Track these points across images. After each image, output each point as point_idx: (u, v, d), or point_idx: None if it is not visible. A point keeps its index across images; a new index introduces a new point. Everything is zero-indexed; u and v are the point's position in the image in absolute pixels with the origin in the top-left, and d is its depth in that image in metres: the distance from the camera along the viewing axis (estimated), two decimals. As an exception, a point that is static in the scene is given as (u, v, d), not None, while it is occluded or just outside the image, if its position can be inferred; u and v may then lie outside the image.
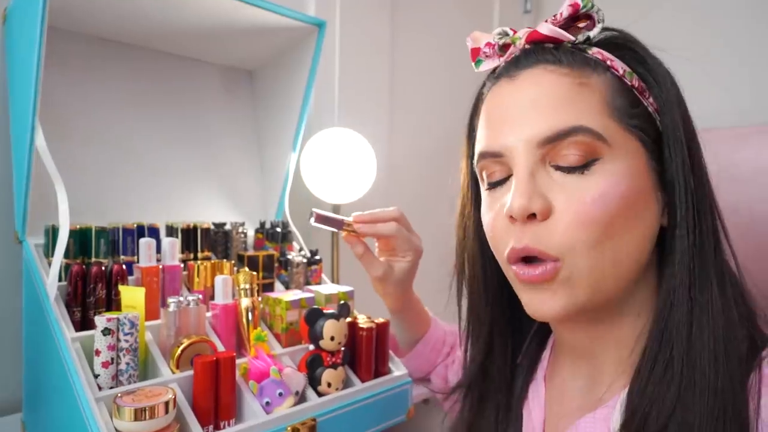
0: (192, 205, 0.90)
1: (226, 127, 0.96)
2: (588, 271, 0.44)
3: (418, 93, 1.43)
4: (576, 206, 0.43)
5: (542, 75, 0.46)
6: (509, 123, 0.46)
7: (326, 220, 0.69)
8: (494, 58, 0.51)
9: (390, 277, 0.73)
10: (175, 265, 0.69)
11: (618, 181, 0.44)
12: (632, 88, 0.46)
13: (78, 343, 0.57)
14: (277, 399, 0.61)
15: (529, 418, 0.55)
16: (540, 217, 0.44)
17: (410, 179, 1.39)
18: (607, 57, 0.46)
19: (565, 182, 0.44)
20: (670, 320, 0.44)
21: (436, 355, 0.83)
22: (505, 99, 0.48)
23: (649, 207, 0.46)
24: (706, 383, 0.41)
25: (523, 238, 0.45)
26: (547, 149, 0.45)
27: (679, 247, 0.44)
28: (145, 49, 0.86)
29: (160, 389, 0.54)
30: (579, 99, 0.44)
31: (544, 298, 0.46)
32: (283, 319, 0.71)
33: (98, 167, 0.80)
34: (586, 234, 0.43)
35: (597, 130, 0.43)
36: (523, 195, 0.44)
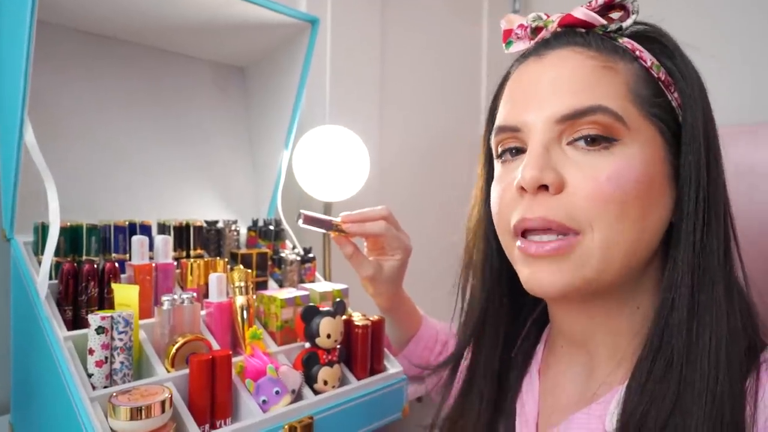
0: (183, 203, 0.88)
1: (217, 124, 0.95)
2: (602, 249, 0.44)
3: (408, 91, 1.43)
4: (590, 182, 0.43)
5: (569, 56, 0.46)
6: (531, 99, 0.47)
7: (315, 221, 0.69)
8: (525, 40, 0.51)
9: (380, 276, 0.73)
10: (168, 263, 0.68)
11: (633, 164, 0.44)
12: (658, 80, 0.46)
13: (70, 342, 0.56)
14: (273, 397, 0.60)
15: (522, 412, 0.55)
16: (552, 189, 0.44)
17: (400, 177, 1.39)
18: (636, 47, 0.47)
19: (580, 159, 0.44)
20: (671, 318, 0.44)
21: (429, 353, 0.83)
22: (530, 76, 0.48)
23: (662, 197, 0.46)
24: (705, 386, 0.41)
25: (536, 209, 0.45)
26: (565, 126, 0.45)
27: (684, 243, 0.44)
28: (135, 44, 0.85)
29: (156, 388, 0.53)
30: (603, 81, 0.45)
31: (549, 272, 0.45)
32: (278, 317, 0.70)
33: (87, 164, 0.79)
34: (603, 210, 0.43)
35: (617, 111, 0.44)
36: (535, 167, 0.44)
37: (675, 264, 0.45)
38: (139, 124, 0.85)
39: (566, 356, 0.55)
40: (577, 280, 0.44)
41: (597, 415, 0.48)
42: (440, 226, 1.56)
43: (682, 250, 0.44)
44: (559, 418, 0.51)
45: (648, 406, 0.42)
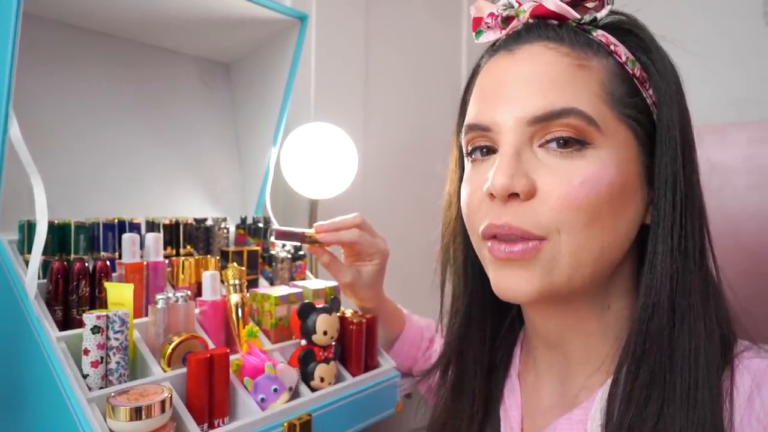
0: (169, 200, 0.87)
1: (203, 121, 0.94)
2: (571, 254, 0.43)
3: (391, 90, 1.44)
4: (563, 188, 0.42)
5: (542, 52, 0.44)
6: (501, 97, 0.45)
7: (287, 236, 0.70)
8: (496, 30, 0.49)
9: (359, 281, 0.74)
10: (159, 261, 0.67)
11: (606, 168, 0.43)
12: (633, 77, 0.45)
13: (63, 343, 0.54)
14: (272, 395, 0.60)
15: (507, 417, 0.55)
16: (523, 197, 0.43)
17: (383, 175, 1.40)
18: (611, 41, 0.45)
19: (552, 163, 0.43)
20: (651, 324, 0.43)
21: (416, 350, 0.84)
22: (500, 72, 0.46)
23: (634, 200, 0.45)
24: (687, 392, 0.41)
25: (503, 216, 0.44)
26: (536, 128, 0.43)
27: (661, 247, 0.43)
28: (119, 38, 0.83)
29: (154, 388, 0.52)
30: (576, 80, 0.43)
31: (519, 277, 0.44)
32: (273, 315, 0.70)
33: (70, 160, 0.76)
34: (574, 216, 0.42)
35: (590, 114, 0.42)
36: (505, 173, 0.42)
37: (653, 267, 0.44)
38: (124, 120, 0.83)
39: (542, 358, 0.54)
40: (546, 285, 0.44)
41: (578, 420, 0.47)
42: (422, 223, 1.57)
43: (660, 253, 0.43)
44: (542, 423, 0.51)
45: (634, 416, 0.42)
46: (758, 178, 1.25)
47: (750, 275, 1.22)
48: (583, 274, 0.44)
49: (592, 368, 0.49)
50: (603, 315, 0.48)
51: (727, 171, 1.29)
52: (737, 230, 1.26)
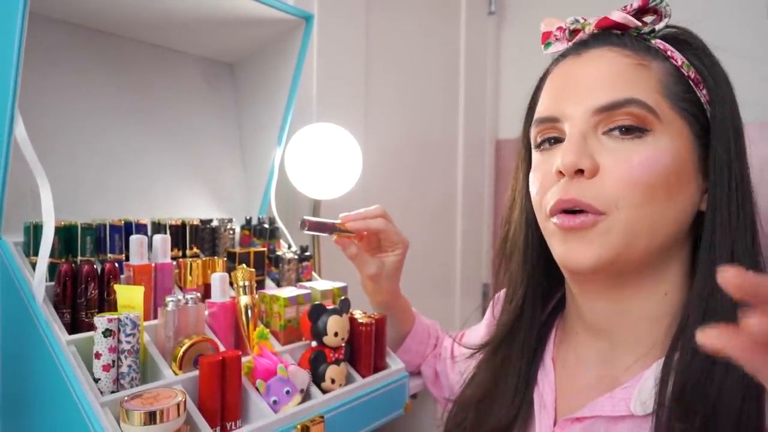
0: (173, 201, 0.86)
1: (206, 121, 0.93)
2: (625, 227, 0.47)
3: (391, 90, 1.44)
4: (622, 167, 0.47)
5: (606, 54, 0.50)
6: (570, 92, 0.50)
7: (318, 227, 0.69)
8: (563, 41, 0.54)
9: (382, 273, 0.75)
10: (167, 262, 0.66)
11: (663, 153, 0.47)
12: (688, 78, 0.50)
13: (73, 346, 0.53)
14: (284, 397, 0.60)
15: (540, 399, 0.57)
16: (587, 174, 0.48)
17: (385, 175, 1.40)
18: (667, 48, 0.50)
19: (614, 147, 0.48)
20: (711, 301, 0.46)
21: (425, 347, 0.84)
22: (569, 71, 0.52)
23: (689, 187, 0.49)
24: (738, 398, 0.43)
25: (570, 191, 0.48)
26: (601, 117, 0.48)
27: (719, 229, 0.47)
28: (123, 38, 0.82)
29: (167, 391, 0.52)
30: (637, 77, 0.48)
31: (581, 248, 0.48)
32: (282, 317, 0.69)
33: (74, 161, 0.75)
34: (630, 192, 0.46)
35: (650, 104, 0.47)
36: (573, 152, 0.48)
37: (711, 251, 0.47)
38: (129, 120, 0.82)
39: (582, 343, 0.56)
40: (606, 252, 0.47)
41: (621, 398, 0.49)
42: (424, 223, 1.57)
43: (718, 238, 0.47)
44: (579, 403, 0.53)
45: (697, 383, 0.44)
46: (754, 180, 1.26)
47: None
48: (640, 245, 0.48)
49: (639, 352, 0.51)
50: (660, 302, 0.51)
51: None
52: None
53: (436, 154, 1.62)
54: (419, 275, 1.51)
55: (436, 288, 1.65)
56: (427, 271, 1.57)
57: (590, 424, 0.51)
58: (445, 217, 1.67)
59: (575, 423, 0.52)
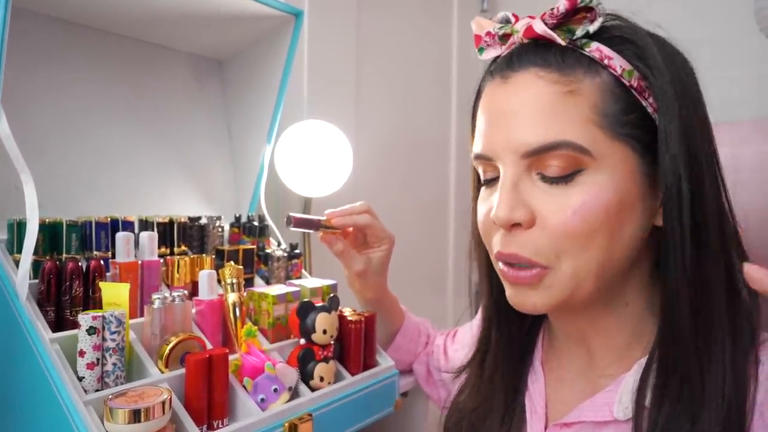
0: (161, 198, 0.85)
1: (195, 118, 0.92)
2: (569, 277, 0.46)
3: (383, 88, 1.43)
4: (558, 217, 0.45)
5: (532, 82, 0.45)
6: (497, 130, 0.47)
7: (304, 223, 0.69)
8: (496, 47, 0.50)
9: (370, 269, 0.75)
10: (154, 260, 0.66)
11: (600, 192, 0.44)
12: (630, 87, 0.45)
13: (57, 345, 0.53)
14: (272, 395, 0.59)
15: (531, 404, 0.57)
16: (524, 225, 0.46)
17: (375, 173, 1.39)
18: (605, 55, 0.45)
19: (549, 192, 0.46)
20: (677, 325, 0.44)
21: (416, 345, 0.84)
22: (496, 102, 0.48)
23: (635, 213, 0.46)
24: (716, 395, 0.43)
25: (511, 245, 0.47)
26: (532, 160, 0.46)
27: (673, 253, 0.44)
28: (110, 34, 0.81)
29: (152, 389, 0.51)
30: (566, 110, 0.44)
31: (527, 296, 0.48)
32: (270, 314, 0.69)
33: (60, 157, 0.74)
34: (569, 242, 0.45)
35: (580, 144, 0.44)
36: (506, 206, 0.46)
37: (667, 268, 0.45)
38: (116, 117, 0.81)
39: (565, 351, 0.57)
40: (552, 301, 0.48)
41: (603, 402, 0.49)
42: (415, 221, 1.57)
43: (672, 261, 0.44)
44: (566, 408, 0.53)
45: (671, 413, 0.44)
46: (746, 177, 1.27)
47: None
48: (586, 290, 0.47)
49: (611, 359, 0.52)
50: (621, 312, 0.51)
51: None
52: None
53: (428, 152, 1.62)
54: (412, 274, 1.51)
55: (429, 286, 1.65)
56: (420, 270, 1.57)
57: (577, 429, 0.50)
58: (438, 215, 1.67)
59: (564, 428, 0.52)
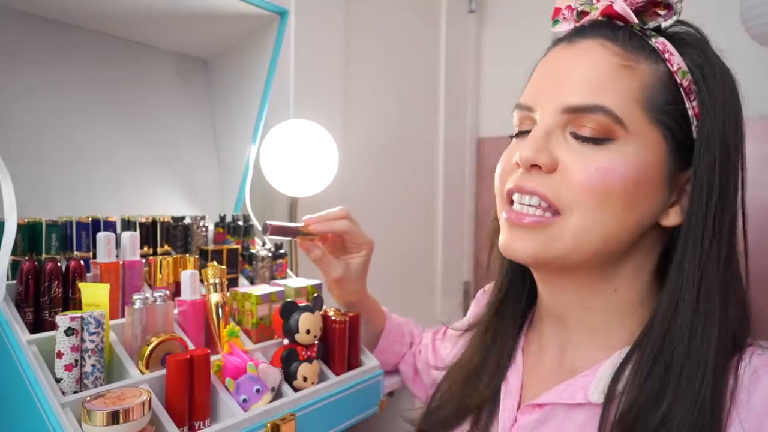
0: (144, 198, 0.85)
1: (179, 117, 0.92)
2: (575, 234, 0.47)
3: (371, 87, 1.43)
4: (580, 171, 0.46)
5: (595, 48, 0.48)
6: (547, 84, 0.50)
7: (281, 230, 0.69)
8: (570, 21, 0.52)
9: (348, 275, 0.75)
10: (136, 260, 0.65)
11: (625, 162, 0.46)
12: (680, 86, 0.47)
13: (34, 346, 0.52)
14: (254, 396, 0.59)
15: (507, 384, 0.58)
16: (545, 169, 0.48)
17: (364, 172, 1.39)
18: (668, 49, 0.48)
19: (578, 149, 0.47)
20: (674, 323, 0.46)
21: (400, 346, 0.84)
22: (555, 61, 0.51)
23: (650, 198, 0.48)
24: (693, 389, 0.43)
25: (529, 182, 0.48)
26: (570, 117, 0.48)
27: (692, 250, 0.46)
28: (92, 32, 0.80)
29: (132, 391, 0.50)
30: (616, 80, 0.46)
31: (522, 241, 0.49)
32: (254, 314, 0.68)
33: (40, 156, 0.74)
34: (585, 197, 0.46)
35: (617, 114, 0.46)
36: (531, 147, 0.47)
37: (681, 269, 0.46)
38: (98, 116, 0.80)
39: (546, 331, 0.58)
40: (543, 253, 0.48)
41: (580, 386, 0.50)
42: (403, 221, 1.57)
43: (689, 256, 0.46)
44: (541, 389, 0.54)
45: (646, 404, 0.44)
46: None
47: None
48: (583, 253, 0.48)
49: (592, 344, 0.52)
50: (608, 296, 0.52)
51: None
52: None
53: (416, 152, 1.62)
54: (400, 274, 1.52)
55: (418, 286, 1.65)
56: (409, 270, 1.57)
57: (549, 410, 0.52)
58: (427, 215, 1.68)
59: (536, 409, 0.53)
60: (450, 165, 1.73)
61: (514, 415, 0.55)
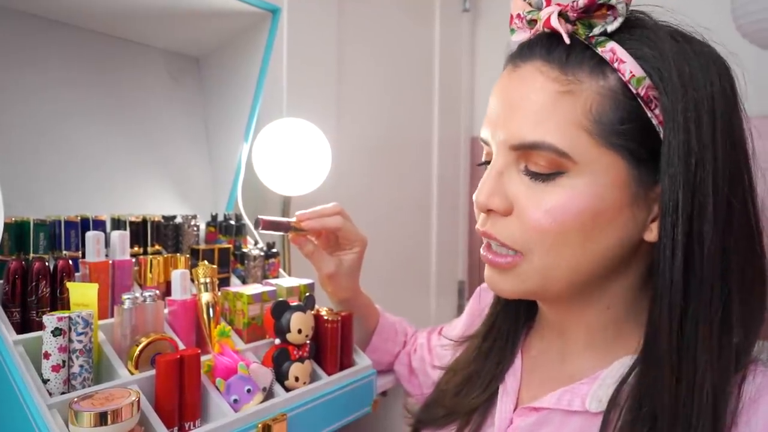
0: (135, 197, 0.84)
1: (171, 116, 0.91)
2: (540, 271, 0.47)
3: (364, 86, 1.43)
4: (531, 212, 0.46)
5: (533, 75, 0.46)
6: (495, 119, 0.49)
7: (273, 225, 0.69)
8: (525, 30, 0.50)
9: (340, 271, 0.74)
10: (126, 260, 0.64)
11: (576, 196, 0.44)
12: (636, 96, 0.43)
13: (21, 347, 0.51)
14: (245, 396, 0.58)
15: (504, 386, 0.57)
16: (500, 213, 0.48)
17: (357, 171, 1.39)
18: (618, 58, 0.43)
19: (530, 186, 0.47)
20: (676, 337, 0.43)
21: (393, 344, 0.84)
22: (502, 91, 0.50)
23: (615, 224, 0.45)
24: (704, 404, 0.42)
25: (487, 225, 0.50)
26: (519, 153, 0.47)
27: (662, 274, 0.43)
28: (82, 29, 0.79)
29: (121, 391, 0.50)
30: (557, 111, 0.44)
31: (499, 280, 0.50)
32: (245, 314, 0.68)
33: (28, 155, 0.73)
34: (540, 238, 0.46)
35: (561, 149, 0.44)
36: (486, 191, 0.48)
37: (656, 295, 0.44)
38: (88, 114, 0.79)
39: (546, 337, 0.58)
40: (522, 290, 0.50)
41: (577, 393, 0.50)
42: (396, 220, 1.57)
43: (660, 282, 0.43)
44: (538, 393, 0.54)
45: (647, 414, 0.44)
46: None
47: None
48: (557, 286, 0.48)
49: (591, 353, 0.52)
50: (602, 313, 0.52)
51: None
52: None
53: (410, 151, 1.62)
54: (394, 273, 1.51)
55: (412, 286, 1.65)
56: (403, 269, 1.57)
57: (546, 414, 0.51)
58: (420, 214, 1.67)
59: (533, 412, 0.52)
60: (444, 164, 1.73)
61: (510, 417, 0.55)
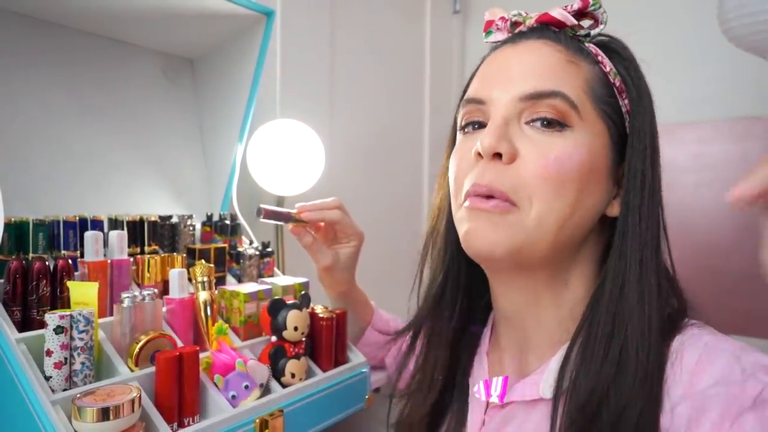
0: (131, 198, 0.85)
1: (166, 116, 0.92)
2: (537, 220, 0.48)
3: (357, 86, 1.44)
4: (539, 159, 0.48)
5: (540, 46, 0.51)
6: (500, 77, 0.51)
7: (274, 215, 0.70)
8: (504, 32, 0.55)
9: (337, 264, 0.76)
10: (124, 259, 0.65)
11: (580, 148, 0.48)
12: (613, 85, 0.51)
13: (23, 345, 0.52)
14: (243, 392, 0.60)
15: (473, 389, 0.59)
16: (505, 159, 0.48)
17: (350, 171, 1.40)
18: (599, 53, 0.52)
19: (534, 137, 0.49)
20: (620, 304, 0.48)
21: (385, 338, 0.85)
22: (503, 58, 0.53)
23: (598, 186, 0.51)
24: (637, 368, 0.45)
25: (487, 175, 0.49)
26: (526, 105, 0.49)
27: (631, 235, 0.49)
28: (78, 31, 0.80)
29: (122, 388, 0.51)
30: (565, 72, 0.50)
31: (485, 229, 0.49)
32: (242, 312, 0.69)
33: (26, 156, 0.74)
34: (545, 185, 0.48)
35: (573, 100, 0.49)
36: (493, 135, 0.48)
37: (622, 254, 0.49)
38: (84, 115, 0.80)
39: (505, 336, 0.59)
40: (511, 244, 0.48)
41: (531, 383, 0.52)
42: (389, 220, 1.58)
43: (630, 240, 0.49)
44: (504, 390, 0.55)
45: (593, 383, 0.46)
46: (708, 176, 1.32)
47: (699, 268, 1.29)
48: (546, 242, 0.49)
49: (543, 343, 0.54)
50: (559, 291, 0.53)
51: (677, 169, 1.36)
52: (687, 226, 1.33)
53: (402, 151, 1.64)
54: (385, 271, 1.53)
55: (403, 284, 1.66)
56: (394, 268, 1.58)
57: (510, 409, 0.54)
58: (412, 214, 1.69)
59: (500, 410, 0.55)
60: (435, 164, 1.75)
61: (482, 418, 0.56)
